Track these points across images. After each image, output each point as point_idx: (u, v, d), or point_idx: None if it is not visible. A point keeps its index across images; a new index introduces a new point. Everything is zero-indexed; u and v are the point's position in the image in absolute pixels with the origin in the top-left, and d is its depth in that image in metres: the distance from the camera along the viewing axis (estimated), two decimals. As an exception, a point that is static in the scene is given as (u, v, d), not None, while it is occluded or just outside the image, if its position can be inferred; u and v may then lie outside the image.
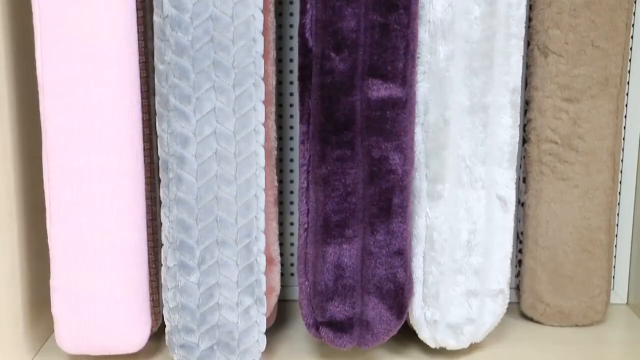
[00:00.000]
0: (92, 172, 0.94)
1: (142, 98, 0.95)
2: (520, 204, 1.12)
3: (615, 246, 1.22)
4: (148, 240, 0.99)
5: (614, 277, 1.23)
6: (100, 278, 0.96)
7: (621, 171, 1.18)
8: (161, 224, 0.96)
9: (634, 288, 1.22)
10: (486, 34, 0.96)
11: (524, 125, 1.09)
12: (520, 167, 1.11)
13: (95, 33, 0.90)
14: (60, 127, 0.92)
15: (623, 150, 1.17)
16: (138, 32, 0.93)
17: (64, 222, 0.95)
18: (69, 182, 0.94)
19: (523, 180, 1.11)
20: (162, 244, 0.97)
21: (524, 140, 1.09)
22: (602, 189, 1.07)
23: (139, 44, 0.93)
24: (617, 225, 1.21)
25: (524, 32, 0.98)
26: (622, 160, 1.17)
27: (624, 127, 1.17)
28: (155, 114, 0.93)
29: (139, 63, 0.94)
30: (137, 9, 0.93)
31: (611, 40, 1.02)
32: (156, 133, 0.94)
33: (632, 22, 1.09)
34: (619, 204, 1.20)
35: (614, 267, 1.23)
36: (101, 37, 0.91)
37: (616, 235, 1.21)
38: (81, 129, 0.93)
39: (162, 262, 0.97)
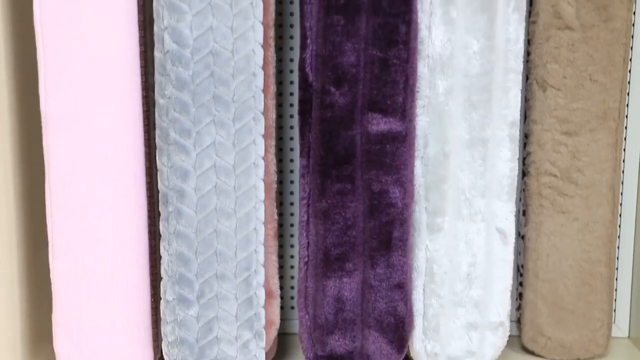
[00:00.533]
0: (95, 206, 0.94)
1: (143, 132, 0.96)
2: (521, 236, 1.12)
3: (616, 279, 1.22)
4: (149, 274, 0.99)
5: (615, 311, 1.23)
6: (103, 312, 0.96)
7: (621, 204, 1.18)
8: (161, 257, 0.96)
9: (635, 321, 1.21)
10: (485, 68, 0.96)
11: (524, 159, 1.09)
12: (520, 200, 1.11)
13: (99, 68, 0.91)
14: (64, 160, 0.93)
15: (622, 183, 1.17)
16: (140, 66, 0.94)
17: (66, 256, 0.95)
18: (71, 216, 0.94)
19: (523, 213, 1.11)
20: (161, 278, 0.96)
21: (524, 174, 1.09)
22: (601, 222, 1.07)
23: (140, 78, 0.94)
24: (618, 258, 1.21)
25: (522, 66, 0.99)
26: (621, 194, 1.17)
27: (623, 160, 1.17)
28: (156, 148, 0.93)
29: (140, 97, 0.94)
30: (139, 44, 0.93)
31: (609, 74, 1.03)
32: (156, 166, 0.94)
33: (630, 57, 1.10)
34: (619, 237, 1.20)
35: (615, 300, 1.22)
36: (105, 72, 0.91)
37: (617, 268, 1.21)
38: (84, 163, 0.93)
39: (161, 296, 0.97)
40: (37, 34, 0.90)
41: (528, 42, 1.05)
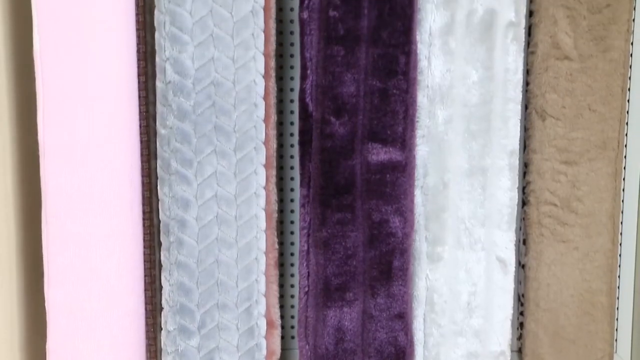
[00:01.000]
0: (90, 236, 0.94)
1: (143, 161, 0.96)
2: (521, 265, 1.12)
3: (617, 309, 1.21)
4: (147, 304, 0.99)
5: (616, 340, 1.22)
6: (98, 342, 0.96)
7: (621, 233, 1.18)
8: (161, 287, 0.96)
9: (637, 351, 1.21)
10: (484, 98, 0.97)
11: (523, 188, 1.10)
12: (520, 229, 1.11)
13: (97, 100, 0.92)
14: (60, 190, 0.93)
15: (622, 212, 1.17)
16: (140, 96, 0.94)
17: (61, 286, 0.95)
18: (67, 246, 0.94)
19: (523, 242, 1.11)
20: (161, 308, 0.96)
21: (524, 202, 1.10)
22: (602, 252, 1.07)
23: (140, 108, 0.94)
24: (619, 287, 1.20)
25: (521, 96, 1.00)
26: (621, 223, 1.17)
27: (623, 190, 1.17)
28: (156, 177, 0.94)
29: (140, 127, 0.95)
30: (140, 75, 0.94)
31: (608, 104, 1.03)
32: (157, 196, 0.94)
33: (628, 87, 1.10)
34: (619, 266, 1.19)
35: (617, 329, 1.22)
36: (102, 103, 0.92)
37: (618, 298, 1.21)
38: (81, 193, 0.93)
39: (162, 326, 0.96)
40: (36, 66, 0.91)
41: (527, 72, 1.05)
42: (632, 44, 1.10)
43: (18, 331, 1.01)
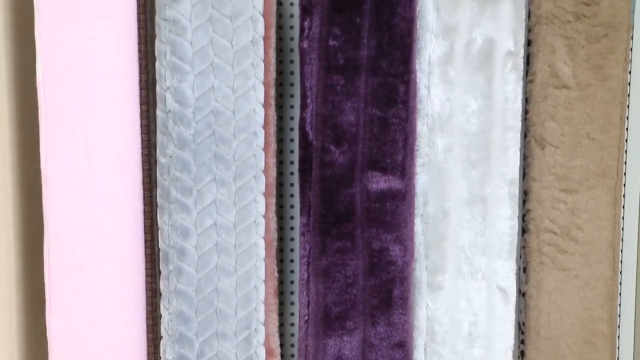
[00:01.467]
0: (92, 264, 0.94)
1: (144, 190, 0.96)
2: (521, 294, 1.12)
3: (618, 337, 1.21)
4: (148, 333, 0.98)
5: (618, 369, 1.21)
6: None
7: (621, 261, 1.18)
8: (161, 315, 0.96)
9: (638, 380, 1.20)
10: (483, 127, 0.97)
11: (523, 216, 1.10)
12: (520, 257, 1.11)
13: (99, 126, 0.92)
14: (62, 218, 0.93)
15: (622, 240, 1.17)
16: (142, 125, 0.95)
17: (63, 314, 0.94)
18: (69, 274, 0.94)
19: (523, 270, 1.11)
20: (161, 337, 0.96)
21: (524, 231, 1.09)
22: (602, 280, 1.07)
23: (141, 136, 0.95)
24: (619, 316, 1.20)
25: (520, 125, 1.00)
26: (621, 251, 1.17)
27: (623, 218, 1.17)
28: (157, 206, 0.94)
29: (142, 155, 0.95)
30: (141, 103, 0.94)
31: (607, 132, 1.04)
32: (157, 224, 0.94)
33: (627, 115, 1.11)
34: (620, 294, 1.19)
35: (618, 358, 1.21)
36: (105, 131, 0.92)
37: (618, 326, 1.20)
38: (83, 222, 0.93)
39: (161, 355, 0.96)
40: (39, 94, 0.92)
41: (526, 100, 1.06)
42: (630, 72, 1.10)
43: (19, 359, 1.01)
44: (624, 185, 1.16)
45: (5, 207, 0.97)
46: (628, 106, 1.12)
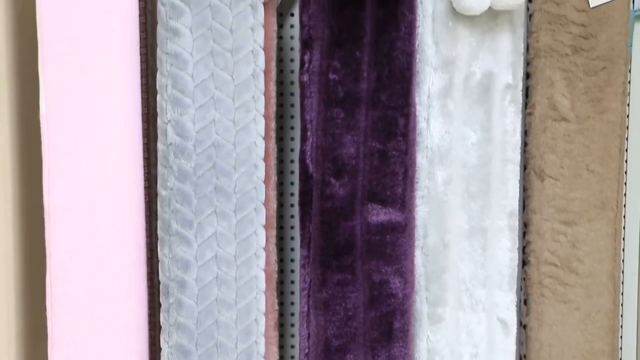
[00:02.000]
0: (94, 297, 0.93)
1: (145, 222, 0.96)
2: (522, 326, 1.11)
3: (620, 370, 1.20)
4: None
5: (620, 403, 1.21)
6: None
7: (622, 294, 1.18)
8: (161, 349, 0.95)
9: (641, 413, 1.19)
10: (483, 159, 0.98)
11: (523, 248, 1.10)
12: (521, 289, 1.11)
13: (102, 160, 0.92)
14: (65, 252, 0.93)
15: (623, 272, 1.17)
16: (143, 158, 0.95)
17: (65, 348, 0.94)
18: (71, 307, 0.93)
19: (524, 303, 1.10)
20: (161, 370, 0.96)
21: (524, 263, 1.09)
22: (603, 312, 1.06)
23: (143, 169, 0.95)
24: (621, 349, 1.19)
25: (519, 157, 1.01)
26: (622, 283, 1.17)
27: (623, 250, 1.17)
28: (157, 238, 0.94)
29: (143, 188, 0.95)
30: (142, 136, 0.95)
31: (606, 164, 1.04)
32: (157, 257, 0.94)
33: (626, 147, 1.11)
34: (621, 326, 1.19)
35: (620, 391, 1.21)
36: (107, 165, 0.93)
37: (620, 359, 1.20)
38: (85, 256, 0.93)
39: (161, 389, 0.96)
40: (42, 129, 0.92)
41: (525, 133, 1.06)
42: (628, 105, 1.11)
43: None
44: (624, 217, 1.16)
45: (6, 241, 0.97)
46: (627, 138, 1.13)
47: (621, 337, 1.19)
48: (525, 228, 1.10)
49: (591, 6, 1.02)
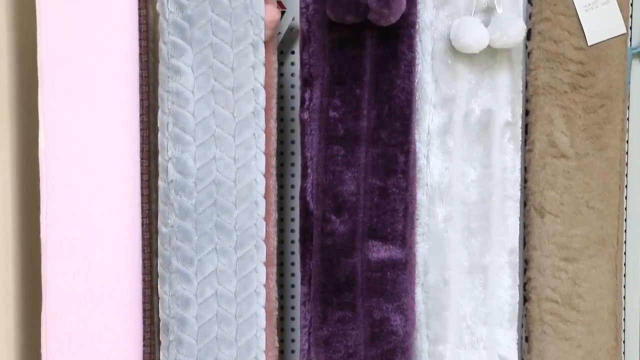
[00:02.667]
0: (90, 335, 0.93)
1: (144, 259, 0.96)
2: (524, 363, 1.11)
3: (623, 408, 1.19)
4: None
5: None
6: None
7: (624, 331, 1.17)
8: (160, 387, 0.95)
9: None
10: (483, 196, 0.98)
11: (524, 284, 1.09)
12: (522, 326, 1.11)
13: (101, 197, 0.93)
14: (60, 289, 0.93)
15: (624, 310, 1.17)
16: (143, 194, 0.95)
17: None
18: (66, 346, 0.93)
19: (525, 340, 1.10)
20: (160, 409, 0.95)
21: (525, 299, 1.09)
22: (605, 349, 1.06)
23: (142, 206, 0.95)
24: (624, 386, 1.19)
25: (519, 193, 1.01)
26: (624, 320, 1.17)
27: (624, 287, 1.17)
28: (157, 275, 0.94)
29: (142, 225, 0.95)
30: (143, 173, 0.95)
31: (605, 201, 1.04)
32: (157, 294, 0.94)
33: (625, 184, 1.12)
34: (623, 364, 1.18)
35: None
36: (106, 203, 0.93)
37: (623, 397, 1.19)
38: (81, 291, 0.93)
39: None
40: (41, 164, 0.93)
41: (525, 169, 1.07)
42: (627, 142, 1.12)
43: None
44: (625, 253, 1.16)
45: (5, 280, 0.97)
46: (626, 175, 1.13)
47: (624, 375, 1.19)
48: (525, 265, 1.10)
49: (589, 44, 1.03)
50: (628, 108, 1.10)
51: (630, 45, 1.11)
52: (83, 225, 0.93)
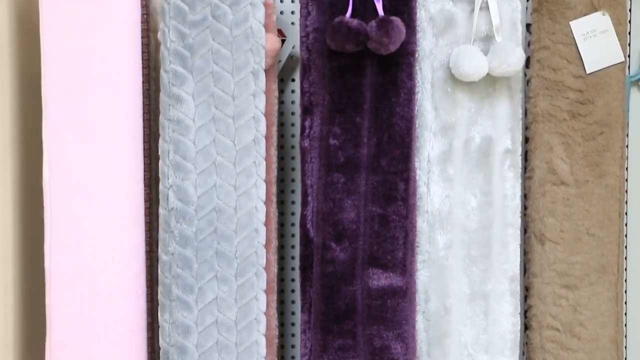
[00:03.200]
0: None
1: (146, 287, 0.96)
2: (525, 392, 1.10)
3: None
4: None
5: None
6: None
7: (626, 358, 1.17)
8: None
9: None
10: (483, 223, 0.98)
11: (525, 312, 1.09)
12: (523, 354, 1.10)
13: (103, 226, 0.93)
14: (64, 319, 0.93)
15: (626, 337, 1.17)
16: (144, 222, 0.95)
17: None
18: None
19: (527, 368, 1.09)
20: None
21: (526, 327, 1.09)
22: (607, 378, 1.05)
23: (144, 234, 0.95)
24: (626, 414, 1.18)
25: (520, 221, 1.01)
26: (625, 347, 1.16)
27: (625, 314, 1.17)
28: (157, 303, 0.94)
29: (144, 253, 0.96)
30: (144, 201, 0.95)
31: (606, 228, 1.04)
32: (158, 322, 0.94)
33: (625, 211, 1.12)
34: (626, 392, 1.18)
35: None
36: (108, 231, 0.93)
37: None
38: (85, 321, 0.93)
39: None
40: (45, 196, 0.93)
41: (525, 196, 1.07)
42: (626, 169, 1.12)
43: None
44: (625, 281, 1.16)
45: (5, 306, 0.97)
46: (626, 202, 1.13)
47: (625, 403, 1.18)
48: (526, 292, 1.09)
49: (588, 72, 1.03)
50: (627, 135, 1.10)
51: (629, 73, 1.12)
52: (86, 255, 0.93)
